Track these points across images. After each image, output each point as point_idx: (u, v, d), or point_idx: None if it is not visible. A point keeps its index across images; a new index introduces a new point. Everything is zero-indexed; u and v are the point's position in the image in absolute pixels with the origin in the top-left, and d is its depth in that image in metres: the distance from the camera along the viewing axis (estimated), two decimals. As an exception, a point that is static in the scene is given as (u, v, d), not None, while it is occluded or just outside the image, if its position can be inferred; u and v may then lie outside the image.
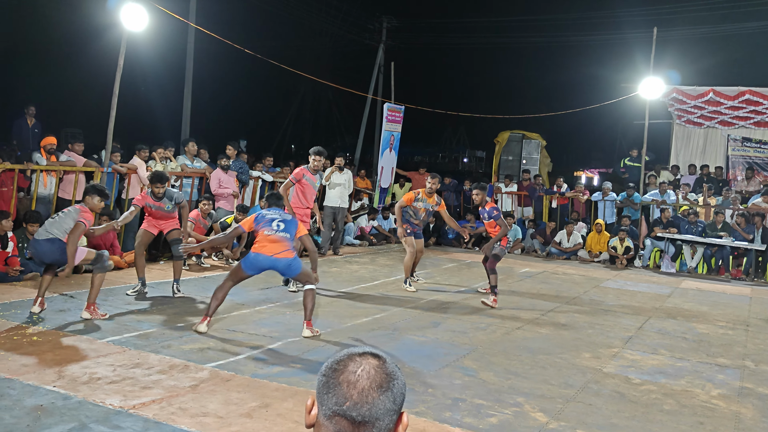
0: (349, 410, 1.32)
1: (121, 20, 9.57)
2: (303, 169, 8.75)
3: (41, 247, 6.35)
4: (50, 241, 6.33)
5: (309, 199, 8.77)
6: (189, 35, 18.30)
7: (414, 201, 9.14)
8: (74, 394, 4.32)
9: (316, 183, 8.81)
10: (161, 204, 7.66)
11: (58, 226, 6.40)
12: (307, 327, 6.29)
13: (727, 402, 5.08)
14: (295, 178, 8.63)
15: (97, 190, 6.73)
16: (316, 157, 8.71)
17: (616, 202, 14.37)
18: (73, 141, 9.91)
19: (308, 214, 8.85)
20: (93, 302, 6.49)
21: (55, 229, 6.38)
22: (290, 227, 6.41)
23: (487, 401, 4.74)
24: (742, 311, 9.06)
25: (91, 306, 6.47)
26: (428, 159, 39.61)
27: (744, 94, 15.20)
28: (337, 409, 1.33)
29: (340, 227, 12.35)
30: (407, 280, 9.21)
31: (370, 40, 27.13)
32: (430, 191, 9.19)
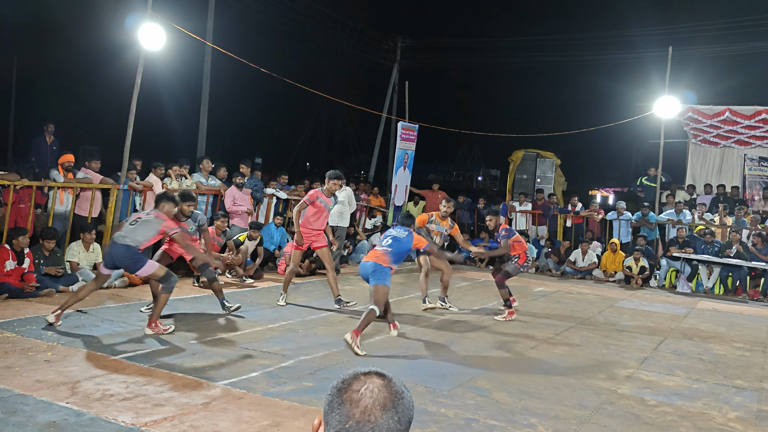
0: (352, 430, 1.32)
1: (138, 39, 9.71)
2: (318, 192, 8.72)
3: (116, 250, 6.50)
4: (127, 247, 6.49)
5: (321, 221, 8.76)
6: (206, 54, 18.52)
7: (427, 223, 9.23)
8: (87, 411, 4.34)
9: (330, 205, 8.84)
10: (185, 225, 7.72)
11: (136, 234, 6.56)
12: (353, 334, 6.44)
13: (745, 425, 5.00)
14: (310, 199, 8.63)
15: (168, 197, 7.01)
16: (335, 181, 8.64)
17: (632, 221, 14.28)
18: (90, 159, 10.03)
19: (320, 235, 8.81)
20: (156, 319, 6.63)
21: (133, 236, 6.53)
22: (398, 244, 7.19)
23: (500, 422, 4.70)
24: (760, 332, 8.95)
25: (152, 323, 6.61)
26: (442, 177, 39.66)
27: (760, 114, 15.11)
28: (340, 428, 1.33)
29: (340, 246, 12.27)
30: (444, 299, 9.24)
31: (384, 60, 27.29)
32: (444, 215, 9.24)
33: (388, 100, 25.61)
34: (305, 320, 7.76)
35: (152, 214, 6.78)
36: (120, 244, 6.51)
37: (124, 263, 6.60)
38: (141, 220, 6.70)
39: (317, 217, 8.67)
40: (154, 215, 6.75)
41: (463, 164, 56.67)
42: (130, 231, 6.59)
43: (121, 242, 6.52)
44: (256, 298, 9.02)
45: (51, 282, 8.30)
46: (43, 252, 8.54)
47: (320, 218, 8.71)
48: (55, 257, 8.64)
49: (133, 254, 6.51)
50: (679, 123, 16.20)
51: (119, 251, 6.50)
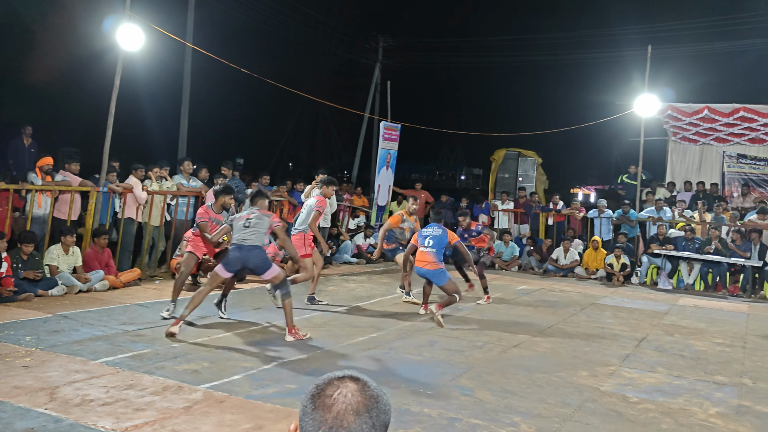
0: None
1: (117, 40, 9.62)
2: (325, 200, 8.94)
3: (251, 253, 6.72)
4: (260, 249, 6.77)
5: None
6: (186, 55, 18.39)
7: (401, 223, 9.79)
8: (66, 417, 4.28)
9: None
10: (221, 218, 7.89)
11: (259, 234, 6.79)
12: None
13: (725, 420, 5.04)
14: (324, 208, 8.84)
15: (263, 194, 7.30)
16: (333, 187, 9.17)
17: (613, 219, 14.37)
18: (69, 161, 9.91)
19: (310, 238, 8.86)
20: (293, 326, 6.79)
21: (258, 237, 6.77)
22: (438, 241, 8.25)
23: (483, 421, 4.70)
24: (740, 328, 9.04)
25: (292, 330, 6.76)
26: (425, 177, 39.67)
27: (738, 111, 15.28)
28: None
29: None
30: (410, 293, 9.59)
31: (366, 59, 27.27)
32: (413, 211, 9.88)
33: (370, 100, 25.59)
34: (288, 322, 7.72)
35: (256, 212, 6.94)
36: (252, 246, 6.71)
37: (257, 264, 6.78)
38: (252, 220, 6.84)
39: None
40: (259, 212, 6.93)
41: (446, 163, 56.75)
42: (251, 233, 6.77)
43: (251, 245, 6.71)
44: (239, 300, 8.97)
45: (29, 286, 8.20)
46: (21, 256, 8.43)
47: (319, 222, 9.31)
48: (33, 261, 8.54)
49: (266, 256, 6.84)
50: (659, 121, 16.34)
51: (256, 254, 6.73)
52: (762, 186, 15.98)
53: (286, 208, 13.35)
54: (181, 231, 10.86)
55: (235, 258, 6.76)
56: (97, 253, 9.35)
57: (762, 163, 16.12)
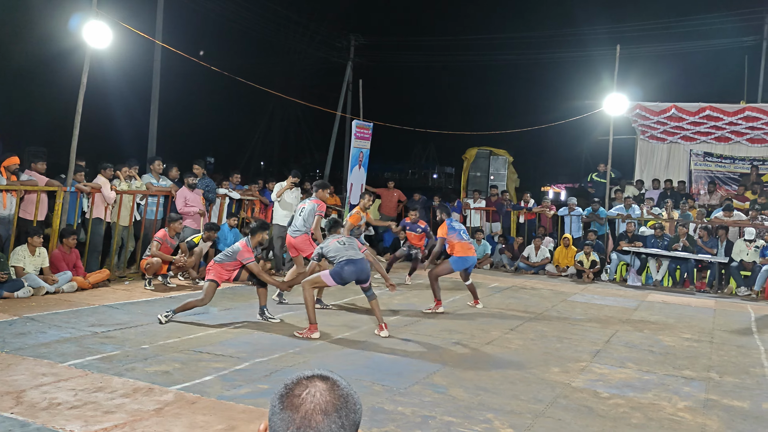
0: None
1: (84, 38, 9.47)
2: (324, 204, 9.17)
3: (363, 264, 7.25)
4: (365, 260, 7.31)
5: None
6: (156, 53, 18.19)
7: (360, 221, 10.69)
8: (33, 421, 4.20)
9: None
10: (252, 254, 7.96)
11: (356, 249, 7.31)
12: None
13: (693, 414, 5.12)
14: (323, 212, 9.03)
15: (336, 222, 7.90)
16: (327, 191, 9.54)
17: (582, 216, 14.53)
18: (36, 160, 9.71)
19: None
20: (382, 321, 7.36)
21: (356, 252, 7.27)
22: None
23: (456, 418, 4.71)
24: (707, 323, 9.19)
25: (381, 325, 7.31)
26: (398, 175, 39.75)
27: (704, 110, 15.52)
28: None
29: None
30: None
31: (338, 58, 27.22)
32: (367, 207, 11.05)
33: (342, 99, 25.55)
34: (260, 322, 7.68)
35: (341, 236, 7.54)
36: (360, 259, 7.21)
37: (367, 275, 7.31)
38: (344, 240, 7.38)
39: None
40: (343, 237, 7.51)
41: (418, 162, 56.93)
42: (352, 248, 7.27)
43: (360, 257, 7.23)
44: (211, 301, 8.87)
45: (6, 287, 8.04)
46: (-14, 257, 8.26)
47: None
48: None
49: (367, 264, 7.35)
50: (628, 120, 16.54)
51: (365, 266, 7.27)
52: (727, 184, 16.28)
53: (257, 207, 13.26)
54: (151, 231, 10.74)
55: (351, 271, 7.19)
56: (64, 254, 9.20)
57: (727, 161, 16.42)
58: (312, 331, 7.05)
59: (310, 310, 7.12)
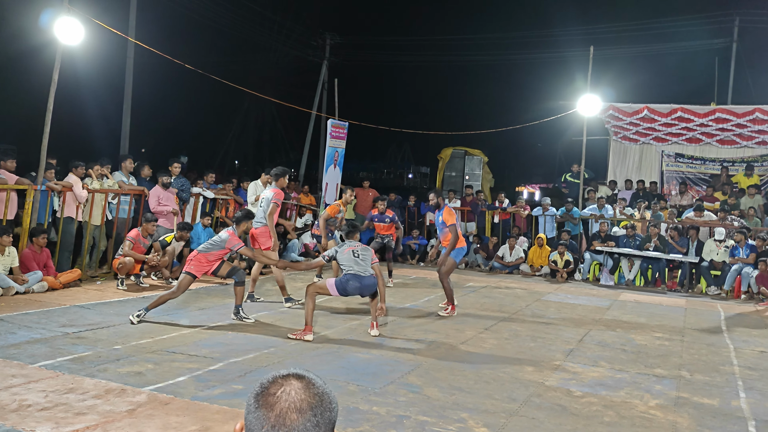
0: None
1: (55, 34, 9.33)
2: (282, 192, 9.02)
3: (369, 281, 7.20)
4: (373, 276, 7.23)
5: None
6: (128, 50, 17.99)
7: (338, 213, 10.79)
8: (2, 423, 4.13)
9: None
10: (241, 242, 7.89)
11: (367, 262, 7.26)
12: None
13: (664, 412, 5.19)
14: (281, 200, 8.83)
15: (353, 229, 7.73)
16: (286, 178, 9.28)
17: (556, 216, 14.66)
18: (5, 158, 9.54)
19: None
20: (375, 320, 7.39)
21: (367, 265, 7.25)
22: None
23: (431, 418, 4.73)
24: (678, 322, 9.33)
25: (373, 324, 7.37)
26: (373, 175, 39.75)
27: (676, 112, 15.75)
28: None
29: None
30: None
31: (313, 57, 27.16)
32: (349, 201, 11.42)
33: (317, 98, 25.48)
34: (234, 322, 7.63)
35: (359, 245, 7.47)
36: (370, 275, 7.21)
37: (371, 291, 7.33)
38: (359, 252, 7.31)
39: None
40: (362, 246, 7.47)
41: (394, 162, 56.98)
42: (362, 263, 7.23)
43: (369, 274, 7.21)
44: (184, 301, 8.81)
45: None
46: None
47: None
48: (-33, 262, 8.21)
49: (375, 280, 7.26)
50: (601, 120, 16.72)
51: (372, 282, 7.23)
52: (698, 184, 16.53)
53: (231, 206, 13.17)
54: (123, 230, 10.61)
55: (354, 287, 7.19)
56: (35, 254, 9.06)
57: (698, 162, 16.68)
58: (306, 332, 6.98)
59: (308, 313, 7.06)
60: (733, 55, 22.52)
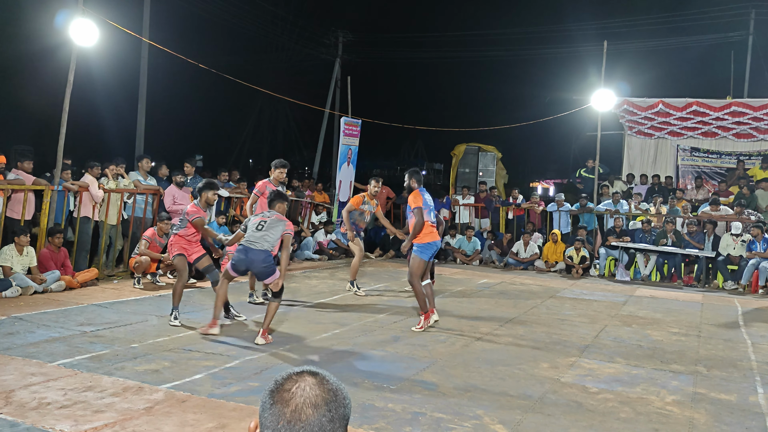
0: (284, 429, 1.31)
1: (70, 35, 9.41)
2: (266, 182, 8.84)
3: (257, 256, 6.54)
4: (264, 251, 6.56)
5: None
6: (143, 50, 18.11)
7: (362, 204, 9.81)
8: (22, 421, 4.18)
9: None
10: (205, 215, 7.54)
11: (268, 238, 6.62)
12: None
13: (681, 408, 5.17)
14: (259, 191, 8.71)
15: (281, 195, 7.00)
16: (281, 170, 8.86)
17: (571, 211, 14.61)
18: (23, 159, 9.65)
19: None
20: (266, 329, 6.61)
21: (267, 240, 6.61)
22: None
23: (447, 414, 4.73)
24: (694, 317, 9.27)
25: (265, 333, 6.58)
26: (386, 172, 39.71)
27: (691, 105, 15.63)
28: (273, 429, 1.32)
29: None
30: (354, 282, 9.64)
31: (326, 55, 27.17)
32: (374, 194, 9.88)
33: (330, 96, 25.52)
34: (250, 320, 7.67)
35: (273, 216, 6.76)
36: (259, 249, 6.54)
37: (260, 269, 6.63)
38: (267, 223, 6.69)
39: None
40: (275, 217, 6.73)
41: (407, 159, 56.88)
42: (261, 236, 6.62)
43: (257, 248, 6.54)
44: (200, 299, 8.88)
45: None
46: (-27, 257, 8.20)
47: None
48: (-14, 262, 8.31)
49: (271, 261, 6.62)
50: (615, 115, 16.62)
51: (260, 257, 6.55)
52: (714, 178, 16.40)
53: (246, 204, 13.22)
54: (139, 229, 10.69)
55: (240, 260, 6.65)
56: (52, 253, 9.15)
57: (714, 156, 16.55)
58: (212, 326, 6.78)
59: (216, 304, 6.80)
60: (749, 47, 22.29)
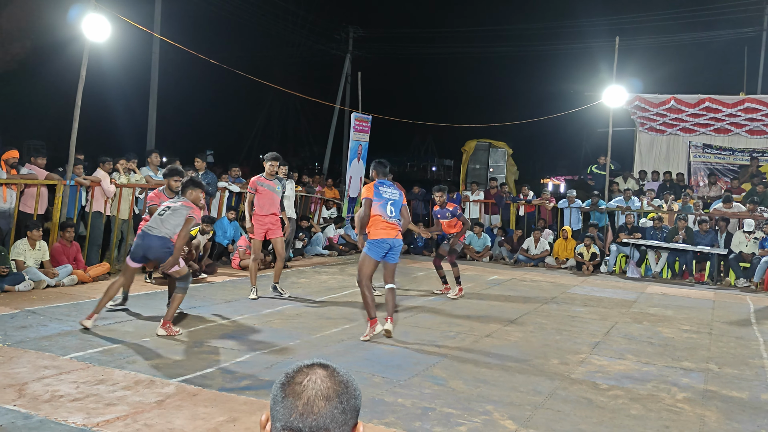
0: (296, 422, 1.32)
1: (83, 31, 9.45)
2: (258, 177, 8.78)
3: (153, 242, 6.40)
4: (161, 239, 6.40)
5: (271, 205, 8.76)
6: (154, 45, 18.17)
7: None
8: (35, 413, 4.22)
9: (276, 188, 8.77)
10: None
11: (167, 225, 6.46)
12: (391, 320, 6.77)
13: (692, 405, 5.15)
14: (252, 187, 8.66)
15: (195, 182, 6.78)
16: (272, 162, 8.72)
17: (582, 207, 14.56)
18: (36, 154, 9.72)
19: (275, 222, 8.80)
20: (169, 320, 6.48)
21: (165, 227, 6.44)
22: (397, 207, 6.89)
23: (456, 410, 4.74)
24: (706, 315, 9.22)
25: (167, 324, 6.46)
26: (397, 168, 39.70)
27: (704, 102, 15.53)
28: (285, 421, 1.33)
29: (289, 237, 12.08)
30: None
31: (337, 50, 27.16)
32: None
33: (341, 91, 25.51)
34: (260, 314, 7.71)
35: (179, 202, 6.65)
36: (154, 235, 6.42)
37: (158, 255, 6.49)
38: (170, 209, 6.56)
39: (265, 203, 8.67)
40: (181, 203, 6.62)
41: (417, 155, 56.88)
42: (160, 222, 6.49)
43: (155, 234, 6.42)
44: (210, 293, 8.92)
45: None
46: (-13, 251, 8.27)
47: (269, 203, 8.69)
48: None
49: (169, 246, 6.45)
50: (627, 112, 16.54)
51: (154, 243, 6.41)
52: (726, 175, 16.29)
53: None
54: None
55: (137, 245, 6.51)
56: (65, 248, 9.21)
57: (727, 152, 16.43)
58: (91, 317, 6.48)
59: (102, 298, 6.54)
60: (764, 43, 22.08)
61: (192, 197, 6.70)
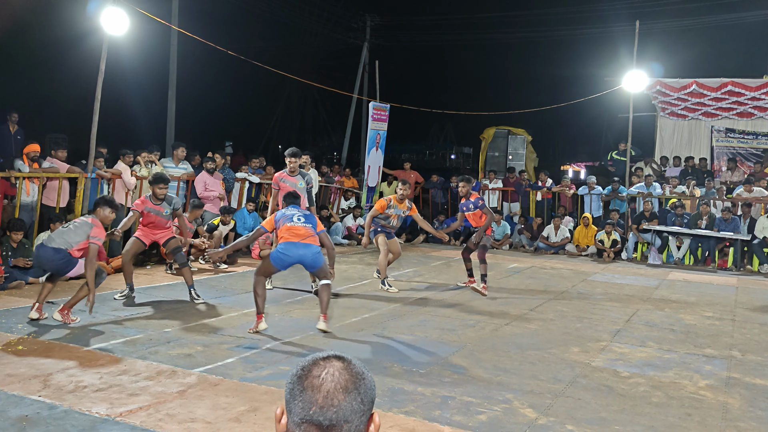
0: (316, 415, 1.32)
1: (101, 24, 9.51)
2: (281, 173, 8.66)
3: (45, 254, 6.39)
4: (56, 250, 6.36)
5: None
6: (172, 38, 18.25)
7: (386, 209, 9.14)
8: (60, 404, 4.29)
9: (298, 184, 8.70)
10: (160, 208, 7.71)
11: (67, 236, 6.42)
12: (323, 320, 6.45)
13: (715, 393, 5.10)
14: (275, 184, 8.63)
15: (107, 201, 6.80)
16: (290, 158, 8.61)
17: (602, 195, 14.43)
18: (57, 147, 9.83)
19: None
20: (69, 308, 6.47)
21: (64, 239, 6.40)
22: (311, 220, 6.59)
23: (476, 398, 4.74)
24: (729, 301, 9.12)
25: (65, 310, 6.44)
26: (415, 157, 39.60)
27: (726, 86, 15.29)
28: (304, 415, 1.32)
29: None
30: (385, 281, 9.06)
31: (354, 39, 27.10)
32: (401, 197, 9.17)
33: (358, 81, 25.46)
34: (281, 304, 7.75)
35: (88, 218, 6.65)
36: (48, 246, 6.39)
37: (54, 266, 6.48)
38: (75, 224, 6.56)
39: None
40: (88, 220, 6.61)
41: (436, 143, 56.65)
42: (59, 234, 6.50)
43: (49, 245, 6.39)
44: (231, 284, 8.98)
45: (20, 274, 8.17)
46: (10, 244, 8.39)
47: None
48: (23, 249, 8.49)
49: (62, 257, 6.38)
50: (648, 96, 16.33)
51: (49, 255, 6.38)
52: (749, 160, 16.06)
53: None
54: (172, 216, 10.82)
55: (34, 257, 6.57)
56: (87, 240, 9.30)
57: (750, 137, 16.19)
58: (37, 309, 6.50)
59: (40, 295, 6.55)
60: (788, 24, 21.68)
61: (100, 216, 6.67)
